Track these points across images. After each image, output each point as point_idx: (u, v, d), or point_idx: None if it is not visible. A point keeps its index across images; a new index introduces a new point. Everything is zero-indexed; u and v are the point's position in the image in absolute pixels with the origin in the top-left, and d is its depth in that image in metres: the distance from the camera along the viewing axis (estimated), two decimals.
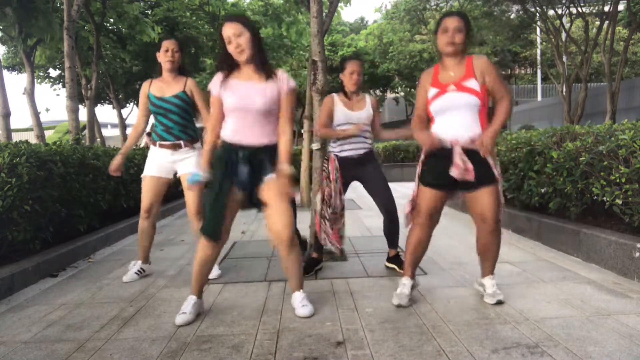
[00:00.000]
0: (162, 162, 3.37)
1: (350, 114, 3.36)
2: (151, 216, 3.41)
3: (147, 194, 3.38)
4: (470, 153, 2.51)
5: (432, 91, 2.63)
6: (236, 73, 2.54)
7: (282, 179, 2.44)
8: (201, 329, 2.44)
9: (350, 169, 3.39)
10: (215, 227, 2.47)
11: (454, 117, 2.56)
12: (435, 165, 2.61)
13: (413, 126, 2.74)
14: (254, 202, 2.55)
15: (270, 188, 2.48)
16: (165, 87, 3.35)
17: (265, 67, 2.52)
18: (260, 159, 2.50)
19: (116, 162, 3.40)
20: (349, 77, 3.36)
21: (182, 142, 3.34)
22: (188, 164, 3.36)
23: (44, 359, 2.14)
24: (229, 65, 2.52)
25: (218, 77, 2.55)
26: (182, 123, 3.35)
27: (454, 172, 2.50)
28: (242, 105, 2.45)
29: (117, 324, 2.54)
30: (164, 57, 3.31)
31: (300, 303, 2.60)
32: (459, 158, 2.49)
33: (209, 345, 2.23)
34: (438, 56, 2.69)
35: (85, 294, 3.12)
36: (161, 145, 3.35)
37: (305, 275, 3.37)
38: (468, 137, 2.53)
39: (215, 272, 3.42)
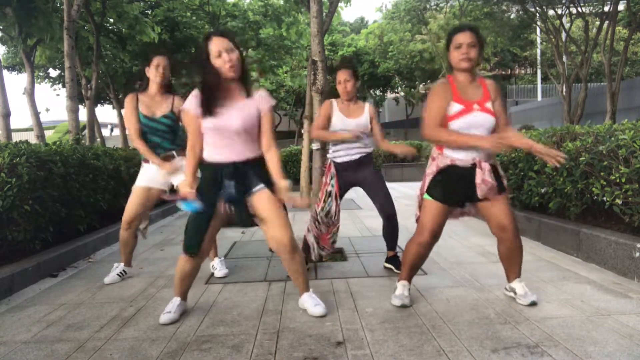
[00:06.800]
0: (155, 173, 3.32)
1: (347, 121, 3.34)
2: (131, 227, 3.35)
3: (133, 205, 3.29)
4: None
5: (456, 107, 2.50)
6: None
7: (285, 195, 2.43)
8: (201, 329, 2.44)
9: (348, 174, 3.38)
10: (195, 244, 2.48)
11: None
12: (449, 182, 2.57)
13: (449, 136, 2.48)
14: (243, 219, 2.52)
15: (262, 198, 2.46)
16: (154, 106, 3.29)
17: (247, 85, 2.49)
18: (245, 172, 2.47)
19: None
20: (339, 86, 3.38)
21: (174, 152, 3.33)
22: (182, 174, 3.29)
23: (44, 359, 2.14)
24: (218, 83, 2.41)
25: (196, 95, 2.43)
26: (170, 138, 3.34)
27: (482, 189, 2.51)
28: (220, 125, 2.41)
29: (117, 324, 2.54)
30: (155, 72, 3.25)
31: (313, 302, 2.60)
32: (488, 175, 2.51)
33: (209, 345, 2.24)
34: (448, 71, 2.65)
35: (85, 294, 3.12)
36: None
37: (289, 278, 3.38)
38: (485, 155, 2.55)
39: (222, 271, 3.44)
